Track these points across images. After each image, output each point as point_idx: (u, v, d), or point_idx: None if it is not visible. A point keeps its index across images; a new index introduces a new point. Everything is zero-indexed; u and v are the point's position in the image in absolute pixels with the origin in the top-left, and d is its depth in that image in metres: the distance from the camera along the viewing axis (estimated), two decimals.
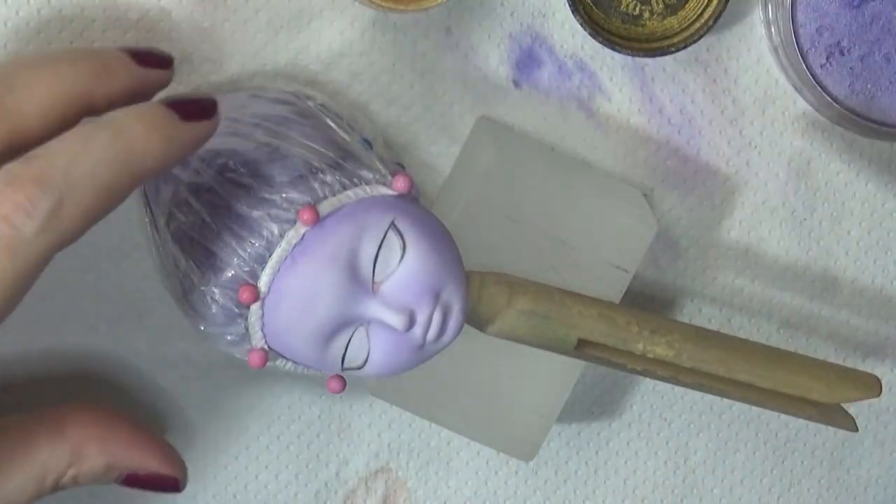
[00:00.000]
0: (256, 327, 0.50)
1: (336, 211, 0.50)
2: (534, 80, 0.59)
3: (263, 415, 0.62)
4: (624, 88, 0.60)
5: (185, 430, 0.61)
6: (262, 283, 0.49)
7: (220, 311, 0.50)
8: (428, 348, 0.50)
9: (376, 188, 0.51)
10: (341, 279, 0.49)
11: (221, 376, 0.61)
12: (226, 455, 0.62)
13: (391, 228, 0.49)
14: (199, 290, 0.50)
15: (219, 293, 0.50)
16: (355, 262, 0.49)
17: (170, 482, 0.55)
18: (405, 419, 0.62)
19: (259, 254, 0.49)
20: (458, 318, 0.50)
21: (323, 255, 0.49)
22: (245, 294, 0.49)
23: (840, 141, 0.61)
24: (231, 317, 0.50)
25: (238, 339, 0.51)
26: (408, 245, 0.50)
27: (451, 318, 0.50)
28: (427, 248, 0.50)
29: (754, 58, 0.60)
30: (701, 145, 0.61)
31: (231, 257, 0.49)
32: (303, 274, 0.49)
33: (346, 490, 0.62)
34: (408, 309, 0.49)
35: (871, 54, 0.58)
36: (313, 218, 0.49)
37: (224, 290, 0.49)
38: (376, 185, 0.51)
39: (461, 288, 0.50)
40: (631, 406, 0.64)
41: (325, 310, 0.49)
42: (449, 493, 0.63)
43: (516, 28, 0.59)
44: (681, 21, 0.58)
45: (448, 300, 0.50)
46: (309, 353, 0.50)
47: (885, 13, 0.57)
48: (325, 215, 0.49)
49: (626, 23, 0.58)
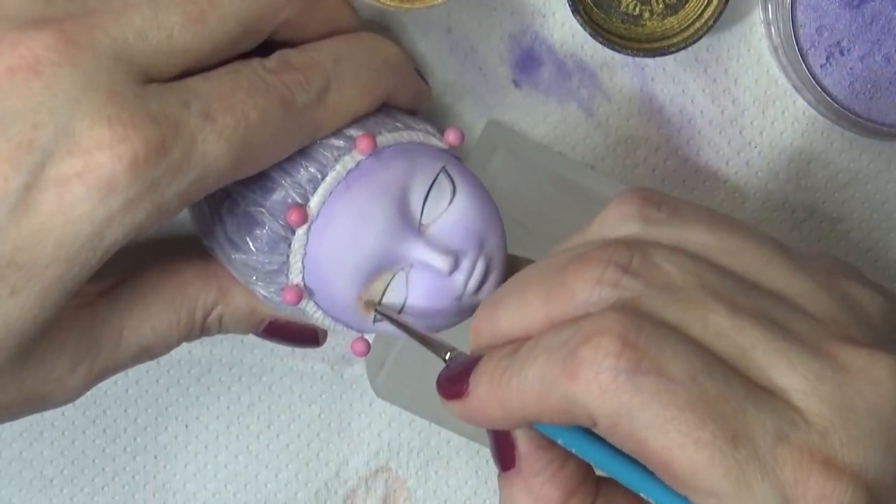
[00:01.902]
0: (298, 256, 0.49)
1: (391, 146, 0.50)
2: (534, 80, 0.59)
3: (263, 414, 0.62)
4: (624, 88, 0.60)
5: (186, 430, 0.61)
6: (313, 204, 0.49)
7: (264, 233, 0.49)
8: (465, 301, 0.50)
9: (428, 137, 0.51)
10: (391, 212, 0.49)
11: (221, 376, 0.61)
12: (226, 454, 0.62)
13: (443, 172, 0.50)
14: (246, 211, 0.50)
15: (267, 214, 0.49)
16: (406, 198, 0.49)
17: (309, 334, 0.54)
18: (405, 418, 0.62)
19: (312, 176, 0.49)
20: (498, 272, 0.50)
21: (377, 184, 0.49)
22: (294, 215, 0.48)
23: (840, 141, 0.61)
24: (275, 241, 0.49)
25: (275, 270, 0.50)
26: (458, 190, 0.50)
27: (492, 271, 0.50)
28: (476, 197, 0.50)
29: (754, 58, 0.60)
30: (701, 145, 0.61)
31: (282, 178, 0.49)
32: (354, 201, 0.48)
33: (346, 489, 0.63)
34: (453, 252, 0.49)
35: (871, 54, 0.58)
36: (370, 146, 0.49)
37: (272, 211, 0.49)
38: (428, 135, 0.51)
39: (503, 243, 0.51)
40: None
41: (371, 242, 0.49)
42: (449, 493, 0.63)
43: (516, 28, 0.59)
44: (681, 21, 0.58)
45: (491, 251, 0.50)
46: (345, 292, 0.49)
47: (885, 13, 0.57)
48: (381, 147, 0.49)
49: (626, 23, 0.58)
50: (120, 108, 0.42)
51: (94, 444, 0.61)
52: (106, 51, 0.43)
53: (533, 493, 0.47)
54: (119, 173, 0.42)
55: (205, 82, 0.45)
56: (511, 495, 0.47)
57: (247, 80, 0.46)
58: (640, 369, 0.40)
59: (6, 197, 0.42)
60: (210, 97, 0.45)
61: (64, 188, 0.42)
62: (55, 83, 0.42)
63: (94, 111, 0.42)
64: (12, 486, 0.61)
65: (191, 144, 0.44)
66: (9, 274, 0.42)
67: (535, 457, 0.47)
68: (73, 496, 0.61)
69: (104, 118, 0.42)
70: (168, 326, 0.51)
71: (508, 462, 0.47)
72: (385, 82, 0.50)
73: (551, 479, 0.47)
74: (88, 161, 0.42)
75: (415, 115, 0.53)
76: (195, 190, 0.45)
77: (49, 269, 0.43)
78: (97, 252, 0.43)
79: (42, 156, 0.42)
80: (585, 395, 0.41)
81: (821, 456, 0.40)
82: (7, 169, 0.42)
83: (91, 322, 0.49)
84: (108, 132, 0.42)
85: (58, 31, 0.43)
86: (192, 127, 0.44)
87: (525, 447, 0.47)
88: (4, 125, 0.42)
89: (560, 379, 0.42)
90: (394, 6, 0.55)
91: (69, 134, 0.42)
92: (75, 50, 0.43)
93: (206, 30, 0.45)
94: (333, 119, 0.48)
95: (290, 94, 0.46)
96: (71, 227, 0.42)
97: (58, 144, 0.42)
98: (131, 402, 0.61)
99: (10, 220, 0.42)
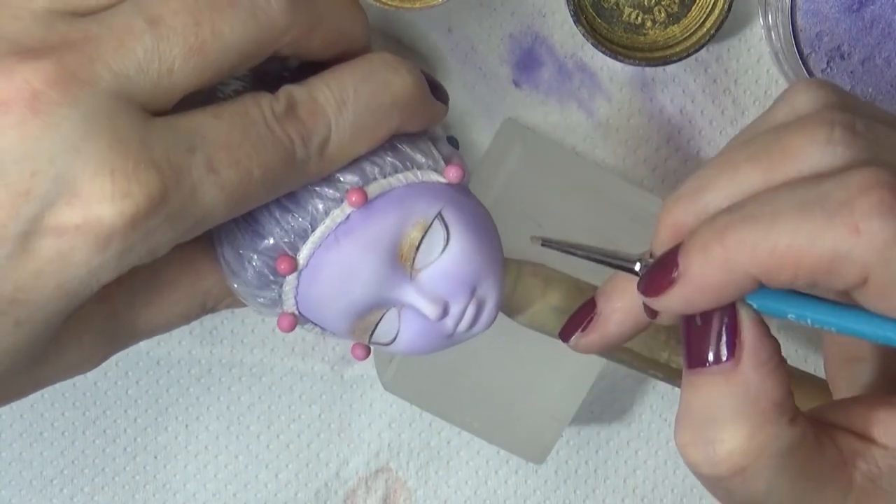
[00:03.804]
0: (290, 295, 0.50)
1: (385, 193, 0.49)
2: (534, 80, 0.59)
3: (263, 414, 0.62)
4: (624, 88, 0.60)
5: (186, 430, 0.61)
6: (302, 255, 0.49)
7: (255, 275, 0.49)
8: (457, 337, 0.50)
9: (427, 174, 0.50)
10: (381, 263, 0.49)
11: (221, 376, 0.61)
12: (226, 454, 0.62)
13: (437, 219, 0.49)
14: (238, 251, 0.50)
15: (256, 258, 0.49)
16: (397, 246, 0.49)
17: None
18: (405, 419, 0.62)
19: (302, 227, 0.49)
20: (491, 311, 0.50)
21: (367, 237, 0.48)
22: (283, 265, 0.48)
23: None
24: (266, 283, 0.50)
25: (270, 303, 0.50)
26: (452, 237, 0.49)
27: (484, 312, 0.50)
28: (470, 243, 0.50)
29: (754, 58, 0.60)
30: (701, 145, 0.61)
31: (273, 227, 0.49)
32: (344, 253, 0.48)
33: (346, 489, 0.63)
34: (442, 300, 0.49)
35: (871, 58, 0.57)
36: (361, 200, 0.48)
37: (262, 256, 0.49)
38: (428, 170, 0.51)
39: (498, 283, 0.50)
40: (631, 406, 0.64)
41: (360, 290, 0.49)
42: (449, 493, 0.63)
43: (517, 28, 0.59)
44: (683, 30, 0.58)
45: (483, 295, 0.50)
46: (339, 325, 0.50)
47: (885, 17, 0.57)
48: (373, 197, 0.49)
49: (628, 32, 0.58)
50: (124, 157, 0.41)
51: (95, 444, 0.61)
52: (107, 88, 0.42)
53: (751, 391, 0.41)
54: (118, 228, 0.42)
55: (214, 122, 0.44)
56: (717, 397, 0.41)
57: (255, 131, 0.44)
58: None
59: (4, 243, 0.41)
60: (217, 145, 0.44)
61: (62, 238, 0.41)
62: (54, 125, 0.41)
63: (96, 160, 0.41)
64: (12, 486, 0.61)
65: (190, 195, 0.43)
66: (12, 309, 0.42)
67: (762, 343, 0.41)
68: (73, 496, 0.62)
69: (106, 170, 0.41)
70: (180, 316, 0.51)
71: (731, 349, 0.41)
72: (389, 124, 0.48)
73: (773, 372, 0.41)
74: (88, 214, 0.41)
75: (423, 133, 0.53)
76: (187, 234, 0.44)
77: (49, 304, 0.43)
78: (93, 287, 0.43)
79: (41, 205, 0.41)
80: (867, 249, 0.39)
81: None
82: (5, 217, 0.41)
83: (109, 316, 0.49)
84: (109, 185, 0.41)
85: (57, 63, 0.41)
86: (195, 177, 0.43)
87: (751, 332, 0.41)
88: (1, 169, 0.41)
89: (832, 234, 0.39)
90: (394, 6, 0.55)
91: (69, 184, 0.41)
92: (76, 88, 0.41)
93: (206, 62, 0.44)
94: (329, 168, 0.47)
95: (292, 148, 0.45)
96: (68, 272, 0.42)
97: (57, 195, 0.41)
98: (131, 402, 0.61)
99: (8, 264, 0.42)
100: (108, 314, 0.49)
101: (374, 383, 0.62)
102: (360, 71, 0.48)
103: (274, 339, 0.61)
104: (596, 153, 0.60)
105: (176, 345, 0.59)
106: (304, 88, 0.47)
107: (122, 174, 0.41)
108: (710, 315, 0.42)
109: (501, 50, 0.59)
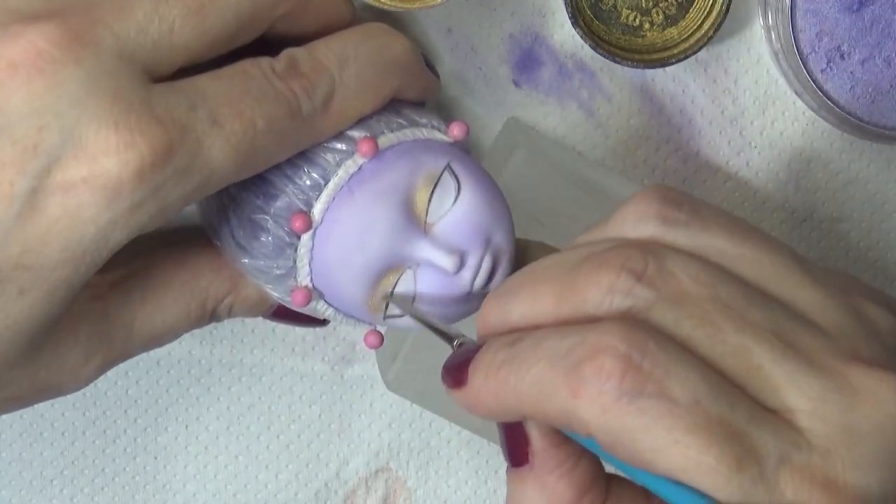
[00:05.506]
0: (304, 261, 0.49)
1: (394, 146, 0.50)
2: (534, 80, 0.59)
3: (263, 415, 0.62)
4: (624, 88, 0.60)
5: (186, 431, 0.62)
6: (316, 211, 0.49)
7: (270, 239, 0.49)
8: (474, 296, 0.50)
9: (432, 132, 0.51)
10: (396, 214, 0.48)
11: (222, 377, 0.61)
12: (226, 455, 0.62)
13: (447, 170, 0.49)
14: (250, 218, 0.50)
15: (271, 221, 0.49)
16: (410, 199, 0.49)
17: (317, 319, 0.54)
18: (405, 419, 0.62)
19: (315, 182, 0.49)
20: (506, 266, 0.50)
21: (380, 187, 0.49)
22: (298, 222, 0.48)
23: (840, 141, 0.61)
24: (280, 247, 0.49)
25: (283, 274, 0.50)
26: (462, 187, 0.50)
27: (500, 266, 0.50)
28: (481, 193, 0.50)
29: (754, 58, 0.60)
30: (701, 145, 0.61)
31: (285, 185, 0.49)
32: (358, 205, 0.48)
33: (346, 490, 0.63)
34: (458, 251, 0.49)
35: (871, 58, 0.57)
36: (372, 149, 0.49)
37: (277, 218, 0.49)
38: (433, 130, 0.51)
39: (511, 237, 0.50)
40: None
41: (377, 244, 0.49)
42: (449, 493, 0.63)
43: (516, 28, 0.59)
44: (681, 32, 0.58)
45: (498, 246, 0.50)
46: (354, 293, 0.50)
47: (885, 17, 0.57)
48: (384, 148, 0.49)
49: (626, 34, 0.58)
50: (126, 111, 0.42)
51: (94, 444, 0.61)
52: (109, 49, 0.43)
53: (546, 491, 0.45)
54: (125, 179, 0.42)
55: (214, 83, 0.45)
56: (521, 492, 0.46)
57: (256, 84, 0.45)
58: (644, 392, 0.40)
59: (13, 201, 0.42)
60: (218, 101, 0.44)
61: (70, 193, 0.42)
62: (59, 83, 0.42)
63: (100, 115, 0.42)
64: (12, 486, 0.61)
65: (197, 149, 0.44)
66: (16, 275, 0.42)
67: (549, 453, 0.45)
68: (72, 497, 0.62)
69: (110, 123, 0.42)
70: (179, 317, 0.51)
71: (521, 458, 0.46)
72: (391, 82, 0.50)
73: (565, 476, 0.45)
74: (94, 167, 0.42)
75: (423, 105, 0.53)
76: (198, 192, 0.45)
77: (56, 270, 0.43)
78: (101, 252, 0.43)
79: (48, 160, 0.42)
80: (587, 412, 0.41)
81: (822, 477, 0.40)
82: (13, 173, 0.42)
83: (104, 314, 0.49)
84: (114, 137, 0.42)
85: (60, 25, 0.42)
86: (199, 132, 0.44)
87: (539, 443, 0.45)
88: (9, 126, 0.42)
89: (561, 392, 0.41)
90: (394, 6, 0.55)
91: (75, 138, 0.42)
92: (78, 47, 0.42)
93: (205, 24, 0.45)
94: (337, 124, 0.48)
95: (296, 102, 0.46)
96: (76, 230, 0.42)
97: (63, 149, 0.42)
98: (131, 402, 0.61)
99: (16, 223, 0.42)
100: (102, 311, 0.49)
101: (374, 383, 0.62)
102: (358, 33, 0.49)
103: (274, 339, 0.61)
104: (596, 153, 0.60)
105: (176, 345, 0.59)
106: (304, 49, 0.48)
107: (126, 127, 0.42)
108: (503, 425, 0.46)
109: (501, 50, 0.59)
